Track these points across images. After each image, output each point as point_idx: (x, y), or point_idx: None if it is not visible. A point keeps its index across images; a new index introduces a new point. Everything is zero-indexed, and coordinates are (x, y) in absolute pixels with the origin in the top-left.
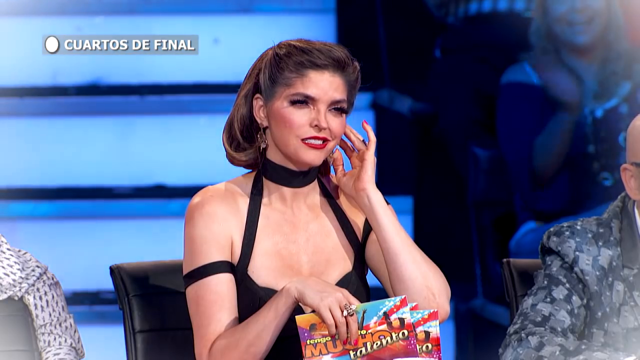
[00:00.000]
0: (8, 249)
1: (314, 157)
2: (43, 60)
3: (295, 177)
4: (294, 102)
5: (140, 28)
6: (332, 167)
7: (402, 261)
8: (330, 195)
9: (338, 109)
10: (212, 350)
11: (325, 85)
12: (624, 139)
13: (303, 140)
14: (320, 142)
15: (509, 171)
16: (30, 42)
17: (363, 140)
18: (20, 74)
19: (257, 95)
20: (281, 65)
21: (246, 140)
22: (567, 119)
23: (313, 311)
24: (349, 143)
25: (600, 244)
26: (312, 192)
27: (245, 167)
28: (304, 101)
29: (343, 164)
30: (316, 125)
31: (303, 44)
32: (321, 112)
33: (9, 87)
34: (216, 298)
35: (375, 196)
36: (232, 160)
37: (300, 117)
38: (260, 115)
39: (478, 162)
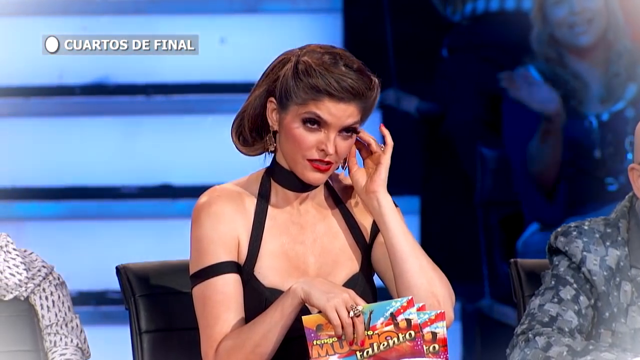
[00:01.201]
0: (14, 249)
1: (318, 178)
2: (48, 60)
3: (302, 184)
4: (305, 122)
5: (145, 28)
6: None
7: (409, 267)
8: (337, 196)
9: (349, 130)
10: (218, 350)
11: (338, 112)
12: (630, 144)
13: (309, 160)
14: (325, 164)
15: (515, 177)
16: (30, 42)
17: (377, 142)
18: (25, 74)
19: (271, 98)
20: (297, 83)
21: (255, 139)
22: (550, 129)
23: (319, 312)
24: (363, 144)
25: (608, 244)
26: (319, 194)
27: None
28: (316, 121)
29: (356, 160)
30: (322, 150)
31: (323, 67)
32: (330, 139)
33: (14, 87)
34: (223, 298)
35: (385, 200)
36: (241, 151)
37: (309, 139)
38: (272, 118)
39: (485, 161)
